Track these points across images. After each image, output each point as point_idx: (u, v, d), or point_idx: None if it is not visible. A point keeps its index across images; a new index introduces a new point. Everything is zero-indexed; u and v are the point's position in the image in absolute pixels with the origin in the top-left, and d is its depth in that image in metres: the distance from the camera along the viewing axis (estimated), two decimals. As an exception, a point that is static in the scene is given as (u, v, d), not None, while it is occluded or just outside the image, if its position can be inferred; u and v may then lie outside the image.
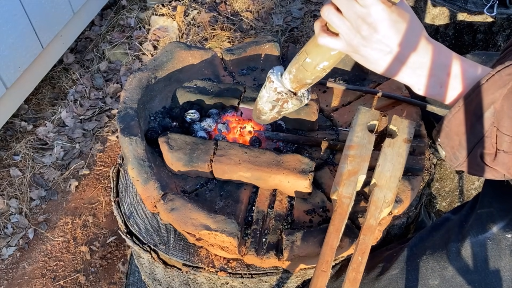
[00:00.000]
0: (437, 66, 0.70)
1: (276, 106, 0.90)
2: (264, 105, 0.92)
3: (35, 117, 2.20)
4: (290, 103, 0.89)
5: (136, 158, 0.98)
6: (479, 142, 0.69)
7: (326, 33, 0.73)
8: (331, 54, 0.77)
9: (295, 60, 0.83)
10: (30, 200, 1.89)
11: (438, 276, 0.88)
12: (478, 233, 0.85)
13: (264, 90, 0.91)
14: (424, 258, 0.90)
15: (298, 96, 0.89)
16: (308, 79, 0.83)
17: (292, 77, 0.85)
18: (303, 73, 0.82)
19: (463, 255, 0.85)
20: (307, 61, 0.80)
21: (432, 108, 1.11)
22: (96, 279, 1.66)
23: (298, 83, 0.85)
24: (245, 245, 0.92)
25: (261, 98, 0.92)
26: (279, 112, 0.92)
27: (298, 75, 0.83)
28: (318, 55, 0.78)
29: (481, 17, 1.51)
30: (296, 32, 2.55)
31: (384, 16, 0.67)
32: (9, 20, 1.84)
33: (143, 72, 1.14)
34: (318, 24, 0.75)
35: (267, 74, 0.90)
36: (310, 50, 0.79)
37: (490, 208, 0.87)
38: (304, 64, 0.81)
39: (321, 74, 0.82)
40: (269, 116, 0.95)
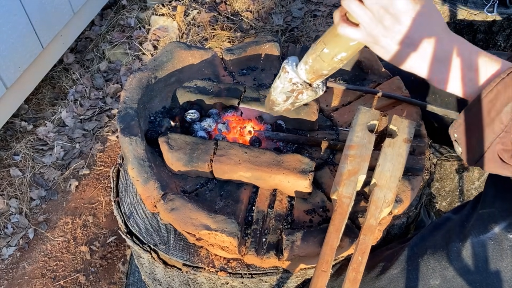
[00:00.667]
0: (458, 60, 0.70)
1: (291, 97, 0.89)
2: (277, 96, 0.90)
3: (35, 117, 2.20)
4: (305, 94, 0.87)
5: (136, 158, 0.98)
6: (497, 138, 0.68)
7: (346, 22, 0.72)
8: (349, 44, 0.76)
9: (312, 50, 0.82)
10: (30, 200, 1.89)
11: (439, 276, 0.87)
12: (480, 233, 0.85)
13: (278, 80, 0.89)
14: (425, 257, 0.90)
15: (313, 87, 0.87)
16: (324, 70, 0.82)
17: (308, 67, 0.83)
18: (320, 63, 0.81)
19: (464, 255, 0.85)
20: (324, 52, 0.79)
21: (432, 108, 1.11)
22: (96, 279, 1.66)
23: (314, 74, 0.83)
24: (245, 245, 0.92)
25: (275, 88, 0.90)
26: (293, 104, 0.91)
27: (315, 66, 0.82)
28: (337, 46, 0.77)
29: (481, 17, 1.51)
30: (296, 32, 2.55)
31: (408, 7, 0.66)
32: (9, 20, 1.84)
33: (143, 72, 1.14)
34: (337, 14, 0.73)
35: (282, 64, 0.88)
36: (328, 40, 0.78)
37: (492, 208, 0.87)
38: (322, 55, 0.79)
39: (338, 65, 0.81)
40: (283, 107, 0.93)
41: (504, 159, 0.69)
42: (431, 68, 0.71)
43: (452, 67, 0.70)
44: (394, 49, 0.71)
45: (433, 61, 0.70)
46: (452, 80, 0.71)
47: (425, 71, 0.72)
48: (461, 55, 0.69)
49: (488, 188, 0.93)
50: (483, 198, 0.91)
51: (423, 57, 0.71)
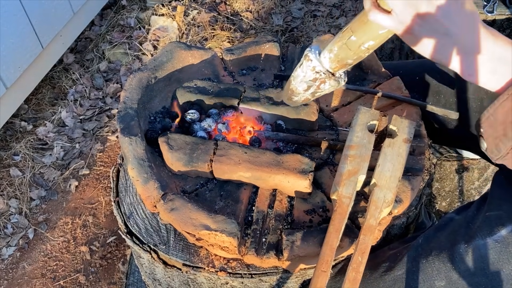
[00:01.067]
0: (490, 52, 0.68)
1: (312, 86, 0.85)
2: (298, 85, 0.87)
3: (35, 117, 2.20)
4: (328, 84, 0.84)
5: (136, 158, 0.98)
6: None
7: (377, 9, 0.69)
8: (379, 33, 0.73)
9: (338, 38, 0.79)
10: (30, 200, 1.89)
11: (444, 278, 0.86)
12: (486, 235, 0.84)
13: (299, 69, 0.86)
14: (429, 259, 0.89)
15: (336, 77, 0.84)
16: (350, 59, 0.79)
17: (332, 56, 0.80)
18: (346, 52, 0.78)
19: (470, 257, 0.84)
20: (352, 39, 0.76)
21: (432, 108, 1.11)
22: (96, 279, 1.66)
23: (339, 63, 0.81)
24: (245, 245, 0.92)
25: (296, 77, 0.87)
26: (313, 94, 0.87)
27: (340, 54, 0.79)
28: (365, 33, 0.74)
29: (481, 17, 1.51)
30: (296, 32, 2.55)
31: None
32: (9, 20, 1.84)
33: (143, 72, 1.14)
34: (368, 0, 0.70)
35: (305, 52, 0.84)
36: (356, 28, 0.75)
37: (499, 210, 0.86)
38: (348, 43, 0.76)
39: (364, 55, 0.78)
40: (302, 97, 0.89)
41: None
42: (464, 60, 0.69)
43: (486, 60, 0.68)
44: (427, 38, 0.68)
45: (467, 53, 0.68)
46: (485, 74, 0.69)
47: (457, 63, 0.70)
48: (495, 48, 0.67)
49: (495, 190, 0.92)
50: (489, 200, 0.90)
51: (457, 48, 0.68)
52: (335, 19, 2.61)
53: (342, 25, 2.55)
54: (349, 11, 2.64)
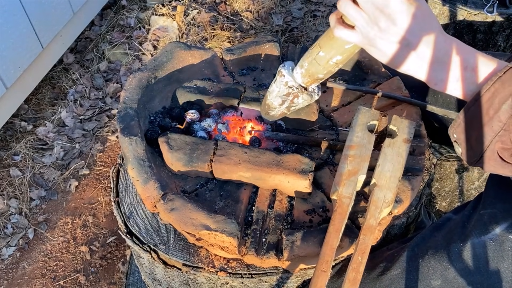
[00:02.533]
0: (454, 60, 0.69)
1: (286, 101, 0.89)
2: (273, 100, 0.91)
3: (35, 117, 2.20)
4: (301, 98, 0.88)
5: (136, 158, 0.98)
6: (496, 137, 0.67)
7: (342, 25, 0.72)
8: (345, 47, 0.76)
9: (308, 54, 0.82)
10: (30, 200, 1.89)
11: (440, 277, 0.87)
12: (481, 234, 0.84)
13: (274, 84, 0.89)
14: (426, 258, 0.90)
15: (309, 91, 0.88)
16: (320, 74, 0.82)
17: (304, 71, 0.84)
18: (316, 67, 0.81)
19: (465, 256, 0.85)
20: (320, 55, 0.79)
21: (432, 108, 1.11)
22: (96, 279, 1.66)
23: (310, 77, 0.84)
24: (245, 245, 0.92)
25: (271, 93, 0.91)
26: (288, 108, 0.91)
27: (310, 69, 0.82)
28: (332, 49, 0.77)
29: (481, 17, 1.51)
30: (296, 32, 2.55)
31: (403, 7, 0.66)
32: (9, 20, 1.84)
33: (143, 72, 1.14)
34: (333, 17, 0.73)
35: (278, 68, 0.88)
36: (324, 44, 0.78)
37: (493, 209, 0.86)
38: (317, 58, 0.79)
39: (333, 69, 0.81)
40: (278, 111, 0.93)
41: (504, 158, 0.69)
42: (429, 69, 0.71)
43: (450, 68, 0.70)
44: (391, 51, 0.71)
45: (431, 63, 0.70)
46: (451, 81, 0.71)
47: (423, 72, 0.72)
48: (459, 56, 0.69)
49: (489, 189, 0.92)
50: (484, 199, 0.91)
51: (420, 58, 0.71)
52: (335, 19, 2.61)
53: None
54: (349, 11, 2.64)
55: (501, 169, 0.71)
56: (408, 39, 0.68)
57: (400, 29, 0.67)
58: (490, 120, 0.67)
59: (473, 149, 0.72)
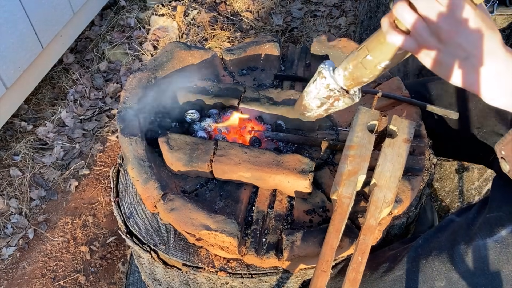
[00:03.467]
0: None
1: (326, 103, 0.85)
2: (311, 101, 0.86)
3: (35, 117, 2.20)
4: (342, 101, 0.83)
5: (136, 158, 0.98)
6: None
7: (395, 30, 0.67)
8: (396, 53, 0.72)
9: (353, 57, 0.78)
10: (30, 200, 1.89)
11: (444, 278, 0.86)
12: (486, 236, 0.84)
13: (313, 85, 0.85)
14: (429, 259, 0.89)
15: (350, 94, 0.83)
16: (365, 78, 0.78)
17: (347, 74, 0.79)
18: (362, 71, 0.77)
19: (470, 257, 0.84)
20: (367, 59, 0.75)
21: (432, 108, 1.11)
22: (96, 279, 1.66)
23: (354, 80, 0.80)
24: (245, 245, 0.92)
25: (309, 93, 0.86)
26: (326, 110, 0.87)
27: (355, 73, 0.78)
28: (382, 53, 0.73)
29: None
30: (296, 32, 2.55)
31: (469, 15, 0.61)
32: (9, 20, 1.84)
33: (143, 72, 1.14)
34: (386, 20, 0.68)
35: (318, 69, 0.83)
36: (372, 48, 0.74)
37: (499, 212, 0.86)
38: (364, 62, 0.76)
39: (379, 73, 0.77)
40: (315, 113, 0.89)
41: None
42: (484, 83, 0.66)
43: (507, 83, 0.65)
44: (448, 62, 0.65)
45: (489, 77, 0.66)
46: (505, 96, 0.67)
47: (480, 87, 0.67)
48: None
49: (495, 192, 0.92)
50: (490, 202, 0.90)
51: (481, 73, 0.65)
52: (335, 19, 2.61)
53: (342, 25, 2.55)
54: (349, 11, 2.64)
55: None
56: (469, 51, 0.63)
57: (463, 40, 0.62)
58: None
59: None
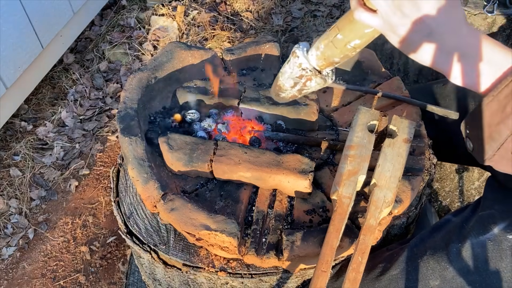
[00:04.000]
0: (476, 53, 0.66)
1: (299, 83, 0.86)
2: (285, 81, 0.87)
3: (35, 117, 2.20)
4: (314, 81, 0.84)
5: (136, 158, 0.98)
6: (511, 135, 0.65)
7: (363, 7, 0.69)
8: (364, 31, 0.73)
9: (325, 36, 0.79)
10: (30, 200, 1.89)
11: (439, 277, 0.87)
12: (479, 234, 0.85)
13: (287, 65, 0.86)
14: (424, 258, 0.90)
15: (323, 75, 0.84)
16: (336, 57, 0.79)
17: (319, 53, 0.80)
18: (332, 50, 0.78)
19: (464, 255, 0.85)
20: (338, 38, 0.76)
21: (432, 108, 1.11)
22: (96, 279, 1.66)
23: (325, 60, 0.81)
24: (245, 245, 0.92)
25: (283, 74, 0.87)
26: (300, 91, 0.88)
27: (326, 52, 0.79)
28: (351, 32, 0.74)
29: (481, 17, 1.51)
30: (296, 32, 2.54)
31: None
32: (9, 20, 1.84)
33: (143, 72, 1.14)
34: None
35: (293, 49, 0.84)
36: (342, 26, 0.75)
37: (491, 210, 0.87)
38: (335, 41, 0.77)
39: (350, 53, 0.78)
40: (289, 93, 0.89)
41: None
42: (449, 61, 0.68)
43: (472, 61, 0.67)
44: (411, 38, 0.67)
45: (452, 54, 0.67)
46: (471, 75, 0.68)
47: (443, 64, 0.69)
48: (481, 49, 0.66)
49: (488, 192, 0.93)
50: (482, 202, 0.91)
51: (442, 49, 0.67)
52: (335, 19, 2.61)
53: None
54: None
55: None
56: (431, 27, 0.65)
57: (425, 16, 0.64)
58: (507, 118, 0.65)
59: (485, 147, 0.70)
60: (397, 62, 1.76)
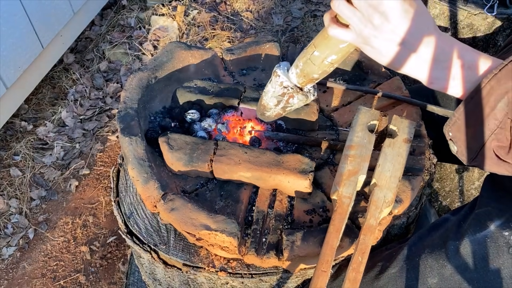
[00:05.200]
0: (451, 58, 0.68)
1: (282, 101, 0.89)
2: (269, 100, 0.91)
3: (35, 117, 2.20)
4: (296, 98, 0.88)
5: (136, 158, 0.98)
6: (492, 135, 0.67)
7: (336, 24, 0.72)
8: (340, 47, 0.76)
9: (303, 54, 0.82)
10: (30, 200, 1.89)
11: (437, 275, 0.88)
12: (476, 231, 0.86)
13: (269, 85, 0.90)
14: (423, 257, 0.90)
15: (304, 92, 0.87)
16: (315, 74, 0.82)
17: (299, 71, 0.84)
18: (311, 67, 0.81)
19: (462, 253, 0.86)
20: (315, 55, 0.79)
21: (432, 108, 1.11)
22: (96, 279, 1.66)
23: (305, 77, 0.84)
24: (245, 245, 0.92)
25: (266, 93, 0.91)
26: (284, 108, 0.91)
27: (305, 69, 0.82)
28: (327, 48, 0.77)
29: (481, 17, 1.51)
30: (296, 32, 2.54)
31: (396, 4, 0.65)
32: (9, 20, 1.84)
33: (143, 72, 1.14)
34: (327, 16, 0.73)
35: (274, 69, 0.88)
36: (318, 43, 0.78)
37: (487, 207, 0.88)
38: (312, 58, 0.79)
39: (328, 69, 0.81)
40: (274, 112, 0.93)
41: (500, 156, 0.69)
42: (425, 68, 0.70)
43: (448, 66, 0.69)
44: (386, 49, 0.70)
45: (427, 61, 0.69)
46: (448, 80, 0.70)
47: (420, 71, 0.71)
48: (456, 54, 0.68)
49: (484, 190, 0.94)
50: (479, 200, 0.92)
51: (417, 57, 0.69)
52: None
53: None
54: (349, 11, 2.64)
55: (497, 168, 0.71)
56: (403, 36, 0.67)
57: (394, 26, 0.67)
58: (487, 118, 0.67)
59: (469, 148, 0.71)
60: (397, 62, 1.76)
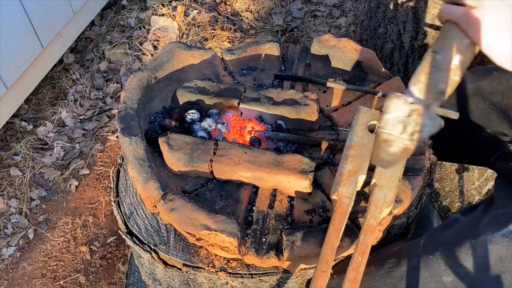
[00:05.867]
0: None
1: (409, 124, 0.72)
2: (392, 130, 0.72)
3: (35, 117, 2.20)
4: (426, 116, 0.71)
5: (136, 158, 0.98)
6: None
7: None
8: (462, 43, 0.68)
9: (421, 67, 0.71)
10: (30, 200, 1.89)
11: (452, 273, 0.87)
12: (494, 231, 0.84)
13: (387, 115, 0.72)
14: (436, 255, 0.89)
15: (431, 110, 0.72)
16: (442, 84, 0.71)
17: (421, 86, 0.71)
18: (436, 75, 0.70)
19: (478, 252, 0.84)
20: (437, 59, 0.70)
21: (433, 108, 1.11)
22: (96, 279, 1.66)
23: (429, 91, 0.71)
24: (245, 245, 0.92)
25: (386, 124, 0.72)
26: (412, 134, 0.72)
27: (430, 81, 0.70)
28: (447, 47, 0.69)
29: (481, 17, 1.51)
30: (296, 32, 2.54)
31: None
32: (9, 20, 1.84)
33: (143, 72, 1.14)
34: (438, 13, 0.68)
35: (386, 100, 0.73)
36: (440, 46, 0.71)
37: (505, 209, 0.87)
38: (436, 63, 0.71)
39: (456, 76, 0.71)
40: (401, 144, 0.73)
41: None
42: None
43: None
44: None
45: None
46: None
47: None
48: None
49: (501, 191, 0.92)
50: (495, 202, 0.91)
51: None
52: (335, 19, 2.61)
53: (342, 25, 2.55)
54: (349, 11, 2.64)
55: None
56: None
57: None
58: None
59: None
60: (397, 62, 1.76)
